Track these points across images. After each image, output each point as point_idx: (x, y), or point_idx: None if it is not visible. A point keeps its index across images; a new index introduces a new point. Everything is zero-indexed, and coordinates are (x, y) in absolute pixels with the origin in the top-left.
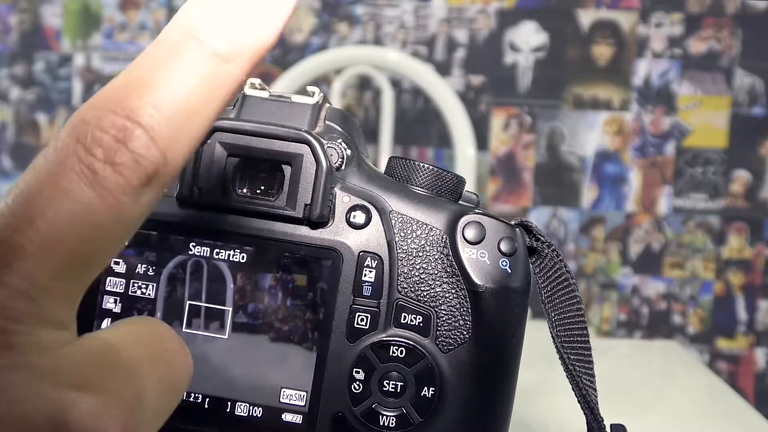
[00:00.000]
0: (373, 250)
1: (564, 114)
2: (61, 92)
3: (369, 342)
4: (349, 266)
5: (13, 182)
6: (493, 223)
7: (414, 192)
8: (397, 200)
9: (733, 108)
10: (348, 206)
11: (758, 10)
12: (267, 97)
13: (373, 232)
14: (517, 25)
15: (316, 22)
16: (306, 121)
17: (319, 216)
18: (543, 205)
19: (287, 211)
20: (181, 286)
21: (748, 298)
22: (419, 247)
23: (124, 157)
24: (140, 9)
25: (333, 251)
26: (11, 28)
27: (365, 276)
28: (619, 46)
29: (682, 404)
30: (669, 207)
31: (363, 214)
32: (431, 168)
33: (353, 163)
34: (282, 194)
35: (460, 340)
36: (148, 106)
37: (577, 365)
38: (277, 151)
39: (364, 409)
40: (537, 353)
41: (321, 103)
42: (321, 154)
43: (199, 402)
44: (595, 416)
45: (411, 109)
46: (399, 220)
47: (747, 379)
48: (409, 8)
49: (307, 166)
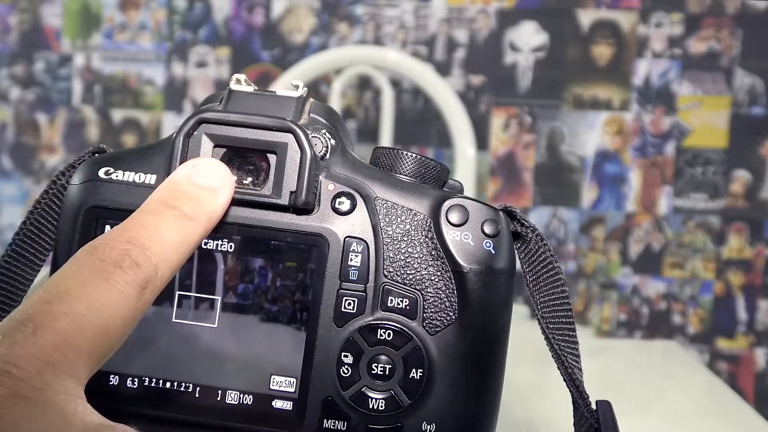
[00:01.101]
0: (359, 236)
1: (564, 114)
2: (61, 92)
3: (356, 326)
4: (335, 252)
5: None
6: (476, 206)
7: (398, 179)
8: (381, 187)
9: (733, 108)
10: (333, 193)
11: (758, 10)
12: (252, 91)
13: (358, 218)
14: (517, 25)
15: (316, 22)
16: (291, 113)
17: (304, 203)
18: (543, 205)
19: (273, 198)
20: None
21: (748, 298)
22: (404, 231)
23: (127, 262)
24: (140, 9)
25: (319, 237)
26: (11, 28)
27: (351, 261)
28: (619, 46)
29: (682, 404)
30: (669, 207)
31: (348, 201)
32: (415, 156)
33: (337, 152)
34: (268, 183)
35: (447, 321)
36: (143, 237)
37: (562, 344)
38: (261, 141)
39: (353, 392)
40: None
41: (305, 96)
42: (305, 142)
43: (189, 391)
44: (580, 393)
45: (411, 109)
46: (384, 205)
47: (747, 379)
48: (409, 8)
49: (292, 154)
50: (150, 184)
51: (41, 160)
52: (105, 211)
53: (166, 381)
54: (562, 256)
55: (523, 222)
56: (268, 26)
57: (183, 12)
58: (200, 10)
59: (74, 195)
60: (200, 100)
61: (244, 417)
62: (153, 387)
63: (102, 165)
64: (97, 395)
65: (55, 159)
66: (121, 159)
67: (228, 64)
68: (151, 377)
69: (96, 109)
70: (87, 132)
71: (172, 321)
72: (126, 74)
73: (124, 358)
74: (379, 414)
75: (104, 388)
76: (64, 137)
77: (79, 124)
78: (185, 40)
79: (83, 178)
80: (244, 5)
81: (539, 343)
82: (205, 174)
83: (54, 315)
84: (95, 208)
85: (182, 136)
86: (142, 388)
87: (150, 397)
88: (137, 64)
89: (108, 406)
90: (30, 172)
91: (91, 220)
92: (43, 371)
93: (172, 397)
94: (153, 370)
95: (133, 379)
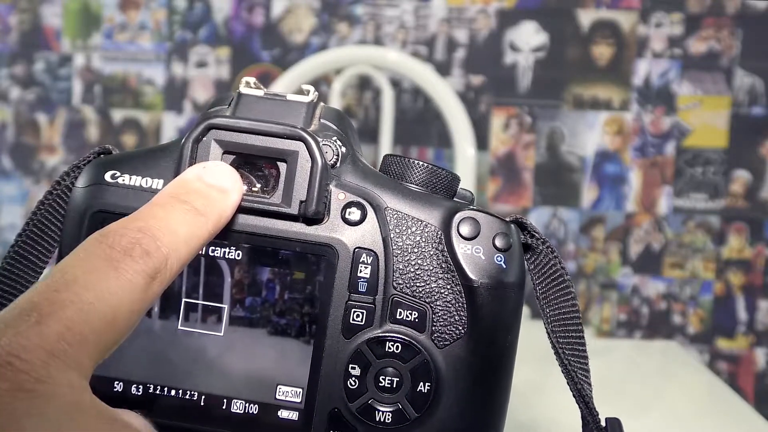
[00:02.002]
0: (369, 247)
1: (564, 114)
2: (61, 92)
3: (365, 338)
4: (344, 262)
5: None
6: (487, 219)
7: (409, 189)
8: (392, 197)
9: (733, 108)
10: (343, 203)
11: (758, 10)
12: (262, 95)
13: (368, 229)
14: (517, 25)
15: (316, 22)
16: (301, 119)
17: (314, 212)
18: (543, 205)
19: (283, 207)
20: (178, 284)
21: (748, 298)
22: (414, 243)
23: (138, 250)
24: (140, 9)
25: (328, 247)
26: (11, 28)
27: (360, 272)
28: (619, 46)
29: (682, 404)
30: (669, 207)
31: (358, 211)
32: (426, 165)
33: (348, 160)
34: (277, 191)
35: (456, 335)
36: (153, 227)
37: (572, 360)
38: (272, 148)
39: (360, 404)
40: (535, 353)
41: (316, 101)
42: (316, 150)
43: (195, 400)
44: (590, 410)
45: (411, 109)
46: (394, 216)
47: (747, 379)
48: (409, 8)
49: (303, 163)
50: (157, 189)
51: (41, 160)
52: (111, 216)
53: (171, 389)
54: (562, 256)
55: (534, 233)
56: (268, 26)
57: (183, 12)
58: (200, 10)
59: (79, 198)
60: (200, 100)
61: (250, 426)
62: (158, 394)
63: (108, 168)
64: (101, 400)
65: (55, 159)
66: (128, 162)
67: (228, 64)
68: (156, 384)
69: (96, 109)
70: (87, 132)
71: (178, 329)
72: (126, 74)
73: (129, 364)
74: (385, 427)
75: (108, 394)
76: (64, 137)
77: (79, 124)
78: (185, 40)
79: (89, 181)
80: (244, 5)
81: (541, 343)
82: (215, 175)
83: (61, 303)
84: (101, 212)
85: (191, 142)
86: (147, 395)
87: (154, 404)
88: (137, 64)
89: None
90: (30, 172)
91: (97, 224)
92: (48, 362)
93: (177, 405)
94: (158, 378)
95: (138, 386)
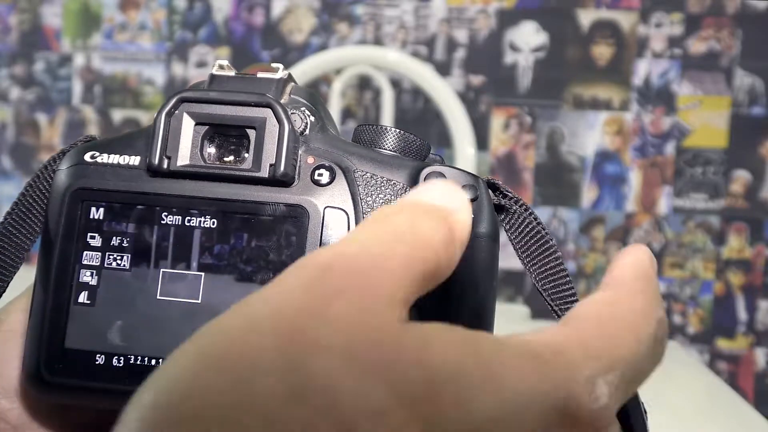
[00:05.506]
0: (339, 206)
1: (564, 114)
2: (61, 92)
3: None
4: (315, 222)
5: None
6: (454, 172)
7: (379, 152)
8: (361, 160)
9: (733, 108)
10: (312, 166)
11: (758, 10)
12: (233, 75)
13: (338, 190)
14: (517, 25)
15: (316, 22)
16: (271, 92)
17: (283, 174)
18: (543, 205)
19: (253, 172)
20: (155, 255)
21: (748, 298)
22: (384, 201)
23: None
24: (140, 9)
25: (299, 208)
26: (11, 28)
27: (331, 230)
28: (619, 46)
29: (682, 404)
30: (669, 207)
31: (327, 173)
32: (396, 131)
33: (317, 129)
34: (248, 158)
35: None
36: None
37: (567, 311)
38: (241, 116)
39: None
40: None
41: (286, 78)
42: (283, 116)
43: None
44: None
45: (411, 109)
46: (363, 177)
47: (747, 379)
48: (409, 8)
49: (270, 128)
50: (134, 165)
51: (41, 160)
52: (90, 192)
53: (152, 358)
54: (562, 256)
55: (506, 193)
56: (268, 26)
57: (183, 12)
58: (200, 10)
59: (61, 179)
60: None
61: None
62: (138, 365)
63: (88, 150)
64: (84, 375)
65: None
66: (107, 144)
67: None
68: (137, 355)
69: (96, 109)
70: (87, 132)
71: (157, 298)
72: (126, 74)
73: (109, 336)
74: None
75: (91, 368)
76: (64, 137)
77: (79, 124)
78: (185, 40)
79: (70, 163)
80: (244, 5)
81: None
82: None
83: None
84: (81, 189)
85: (163, 115)
86: (128, 366)
87: (136, 375)
88: (137, 64)
89: (95, 386)
90: (30, 172)
91: (77, 201)
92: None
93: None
94: (139, 348)
95: (119, 358)
